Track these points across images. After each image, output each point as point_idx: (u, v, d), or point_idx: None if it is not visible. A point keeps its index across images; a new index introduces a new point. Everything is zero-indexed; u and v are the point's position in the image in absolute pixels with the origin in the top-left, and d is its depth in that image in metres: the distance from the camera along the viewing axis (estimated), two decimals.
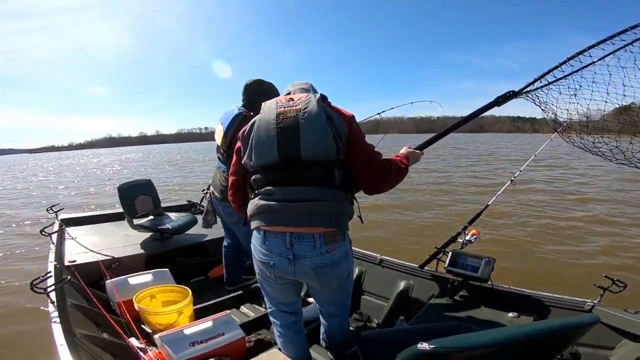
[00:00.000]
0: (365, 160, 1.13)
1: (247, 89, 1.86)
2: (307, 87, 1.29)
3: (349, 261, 1.19)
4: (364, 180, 1.16)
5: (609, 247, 4.37)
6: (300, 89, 1.27)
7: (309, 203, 1.07)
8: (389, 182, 1.18)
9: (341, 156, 1.09)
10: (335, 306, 1.33)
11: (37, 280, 1.52)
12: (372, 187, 1.17)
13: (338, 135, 1.07)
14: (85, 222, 3.03)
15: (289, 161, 1.07)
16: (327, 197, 1.08)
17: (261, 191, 1.13)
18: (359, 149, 1.12)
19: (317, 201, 1.07)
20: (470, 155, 20.50)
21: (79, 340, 1.33)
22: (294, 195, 1.08)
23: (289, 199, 1.08)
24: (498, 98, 1.53)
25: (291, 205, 1.07)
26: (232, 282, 2.27)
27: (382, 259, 2.10)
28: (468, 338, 0.72)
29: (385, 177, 1.16)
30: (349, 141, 1.10)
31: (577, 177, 10.35)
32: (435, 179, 10.70)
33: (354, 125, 1.13)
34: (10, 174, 21.36)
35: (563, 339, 0.80)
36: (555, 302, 1.54)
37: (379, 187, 1.17)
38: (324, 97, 1.16)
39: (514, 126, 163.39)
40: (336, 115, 1.09)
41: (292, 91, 1.26)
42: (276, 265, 1.13)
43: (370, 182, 1.16)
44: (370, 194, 1.20)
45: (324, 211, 1.07)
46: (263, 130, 1.10)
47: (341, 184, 1.11)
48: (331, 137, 1.06)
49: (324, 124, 1.06)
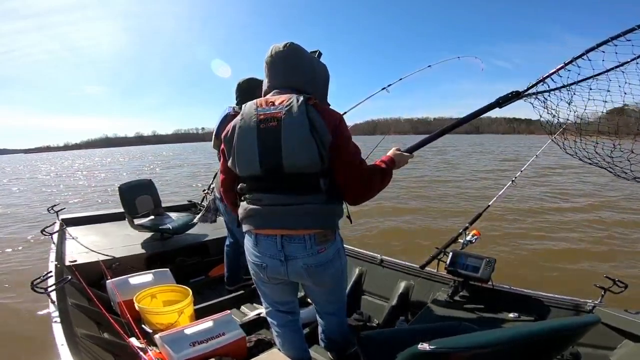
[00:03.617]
0: (347, 171, 1.07)
1: (238, 87, 1.88)
2: (291, 82, 1.12)
3: (341, 259, 1.19)
4: (345, 189, 1.10)
5: (610, 247, 4.36)
6: (284, 85, 1.12)
7: (296, 206, 1.05)
8: (371, 192, 1.13)
9: (326, 165, 1.04)
10: (332, 304, 1.33)
11: (37, 280, 1.53)
12: (353, 197, 1.12)
13: (322, 144, 1.01)
14: (86, 222, 3.03)
15: (272, 172, 1.04)
16: (314, 200, 1.06)
17: (248, 197, 1.13)
18: (341, 158, 1.05)
19: (305, 204, 1.05)
20: (471, 155, 20.46)
21: (79, 340, 1.33)
22: (280, 201, 1.07)
23: (276, 203, 1.07)
24: (499, 99, 1.46)
25: (280, 209, 1.06)
26: (233, 281, 2.27)
27: (383, 259, 2.10)
28: (468, 338, 0.72)
29: (367, 186, 1.11)
30: (333, 148, 1.04)
31: (579, 178, 10.34)
32: (435, 179, 10.69)
33: (340, 130, 1.05)
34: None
35: (564, 340, 0.80)
36: (556, 302, 1.54)
37: (361, 196, 1.12)
38: (309, 97, 1.05)
39: (510, 127, 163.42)
40: (320, 123, 1.01)
41: (274, 85, 1.14)
42: (269, 266, 1.13)
43: (351, 192, 1.11)
44: (352, 204, 1.16)
45: (313, 213, 1.06)
46: (244, 139, 1.06)
47: (327, 189, 1.08)
48: (314, 148, 1.00)
49: (307, 134, 0.99)
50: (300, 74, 1.12)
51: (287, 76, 1.12)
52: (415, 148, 1.42)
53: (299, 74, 1.12)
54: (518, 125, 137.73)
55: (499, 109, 1.49)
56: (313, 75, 1.15)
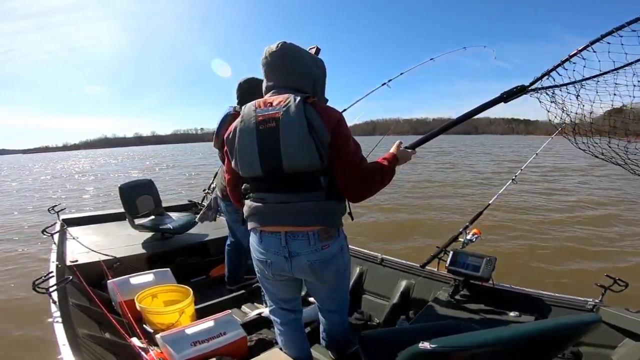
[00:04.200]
0: (347, 171, 1.06)
1: (239, 87, 1.88)
2: (288, 82, 1.11)
3: (344, 256, 1.20)
4: (345, 188, 1.10)
5: (611, 246, 4.36)
6: (281, 85, 1.12)
7: (298, 204, 1.07)
8: (371, 191, 1.12)
9: (325, 163, 1.05)
10: (334, 302, 1.34)
11: (39, 280, 1.53)
12: (353, 196, 1.12)
13: (321, 144, 1.01)
14: (87, 222, 3.04)
15: (273, 173, 1.05)
16: (315, 198, 1.07)
17: (252, 196, 1.14)
18: (340, 157, 1.05)
19: (306, 202, 1.06)
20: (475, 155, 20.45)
21: (81, 340, 1.34)
22: (282, 199, 1.08)
23: (280, 201, 1.08)
24: (504, 94, 1.42)
25: (283, 207, 1.08)
26: (233, 281, 2.28)
27: (383, 259, 2.10)
28: (469, 337, 0.72)
29: (367, 185, 1.10)
30: (332, 147, 1.04)
31: (580, 176, 10.32)
32: (436, 179, 10.69)
33: (339, 130, 1.04)
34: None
35: (564, 338, 0.80)
36: (557, 301, 1.54)
37: (361, 195, 1.12)
38: (307, 96, 1.05)
39: (508, 127, 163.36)
40: (319, 122, 1.01)
41: (272, 86, 1.14)
42: (273, 263, 1.14)
43: (351, 191, 1.11)
44: (354, 202, 1.16)
45: (316, 210, 1.07)
46: (244, 141, 1.07)
47: (328, 186, 1.08)
48: (313, 148, 1.00)
49: (306, 134, 1.00)
50: (296, 73, 1.12)
51: (283, 76, 1.12)
52: (418, 144, 1.40)
53: (295, 73, 1.12)
54: (517, 125, 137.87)
55: (504, 103, 1.45)
56: (309, 72, 1.14)
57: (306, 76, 1.13)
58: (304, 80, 1.13)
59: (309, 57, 1.16)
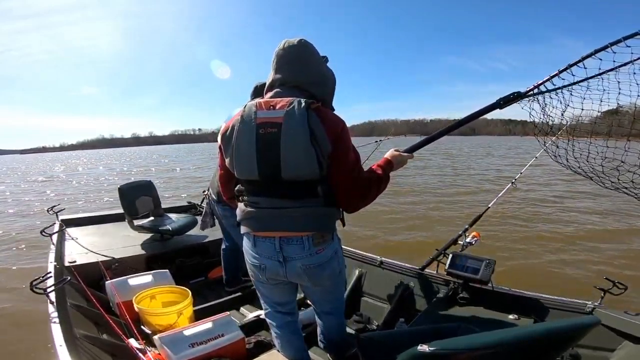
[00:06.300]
0: (345, 181, 1.06)
1: (255, 89, 1.86)
2: (297, 79, 1.09)
3: (339, 259, 1.19)
4: (342, 199, 1.10)
5: (610, 249, 4.36)
6: (289, 81, 1.09)
7: (294, 210, 1.05)
8: (367, 201, 1.12)
9: (324, 172, 1.04)
10: (330, 303, 1.33)
11: (37, 280, 1.53)
12: (348, 206, 1.12)
13: (322, 154, 1.00)
14: (86, 223, 3.03)
15: (270, 178, 1.04)
16: (311, 204, 1.06)
17: (246, 199, 1.12)
18: (339, 168, 1.05)
19: (302, 208, 1.06)
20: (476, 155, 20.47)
21: (78, 340, 1.33)
22: (278, 205, 1.07)
23: (275, 206, 1.07)
24: (500, 100, 1.44)
25: (278, 212, 1.07)
26: (232, 283, 2.27)
27: (383, 261, 2.10)
28: (468, 340, 0.72)
29: (363, 196, 1.10)
30: (332, 157, 1.02)
31: (579, 181, 10.32)
32: (437, 179, 10.70)
33: (341, 140, 1.03)
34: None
35: (563, 341, 0.80)
36: (556, 304, 1.54)
37: (356, 206, 1.12)
38: (312, 101, 1.02)
39: (505, 129, 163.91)
40: (321, 131, 0.99)
41: (279, 79, 1.10)
42: (267, 267, 1.13)
43: (347, 201, 1.11)
44: (348, 212, 1.16)
45: (310, 216, 1.06)
46: (242, 143, 1.04)
47: (325, 194, 1.07)
48: (314, 158, 0.99)
49: (307, 144, 0.97)
50: (308, 73, 1.10)
51: (295, 72, 1.09)
52: (415, 148, 1.41)
53: (307, 72, 1.10)
54: (514, 127, 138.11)
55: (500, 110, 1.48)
56: (321, 76, 1.13)
57: (317, 79, 1.12)
58: (313, 81, 1.11)
59: (323, 62, 1.16)
